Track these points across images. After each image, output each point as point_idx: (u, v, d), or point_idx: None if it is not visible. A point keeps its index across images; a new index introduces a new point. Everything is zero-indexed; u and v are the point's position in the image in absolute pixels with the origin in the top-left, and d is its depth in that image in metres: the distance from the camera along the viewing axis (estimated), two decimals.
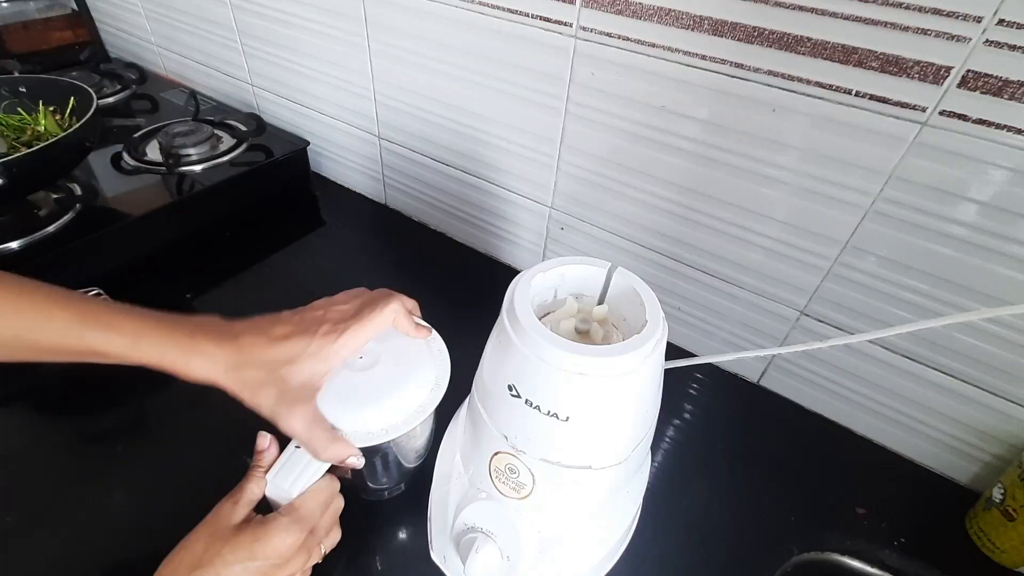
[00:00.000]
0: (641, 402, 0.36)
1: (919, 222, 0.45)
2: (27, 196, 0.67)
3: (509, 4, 0.56)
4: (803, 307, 0.55)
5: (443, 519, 0.43)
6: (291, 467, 0.37)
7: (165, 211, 0.71)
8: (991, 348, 0.47)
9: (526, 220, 0.71)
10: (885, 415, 0.56)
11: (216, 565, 0.33)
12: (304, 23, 0.76)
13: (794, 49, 0.44)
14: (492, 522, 0.39)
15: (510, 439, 0.37)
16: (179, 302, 0.68)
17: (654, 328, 0.34)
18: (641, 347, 0.33)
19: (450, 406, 0.51)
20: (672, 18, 0.48)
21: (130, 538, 0.46)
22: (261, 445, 0.39)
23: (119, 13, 1.08)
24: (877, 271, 0.49)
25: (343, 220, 0.86)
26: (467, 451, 0.43)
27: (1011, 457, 0.50)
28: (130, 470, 0.50)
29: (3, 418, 0.55)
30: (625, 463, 0.37)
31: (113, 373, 0.37)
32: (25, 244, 0.62)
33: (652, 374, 0.35)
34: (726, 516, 0.51)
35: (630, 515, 0.43)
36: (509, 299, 0.36)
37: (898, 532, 0.50)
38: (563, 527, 0.39)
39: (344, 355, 0.38)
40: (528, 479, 0.37)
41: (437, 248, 0.81)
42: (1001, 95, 0.38)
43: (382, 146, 0.81)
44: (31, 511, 0.47)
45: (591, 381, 0.32)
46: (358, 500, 0.48)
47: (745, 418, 0.60)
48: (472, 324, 0.44)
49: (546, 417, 0.34)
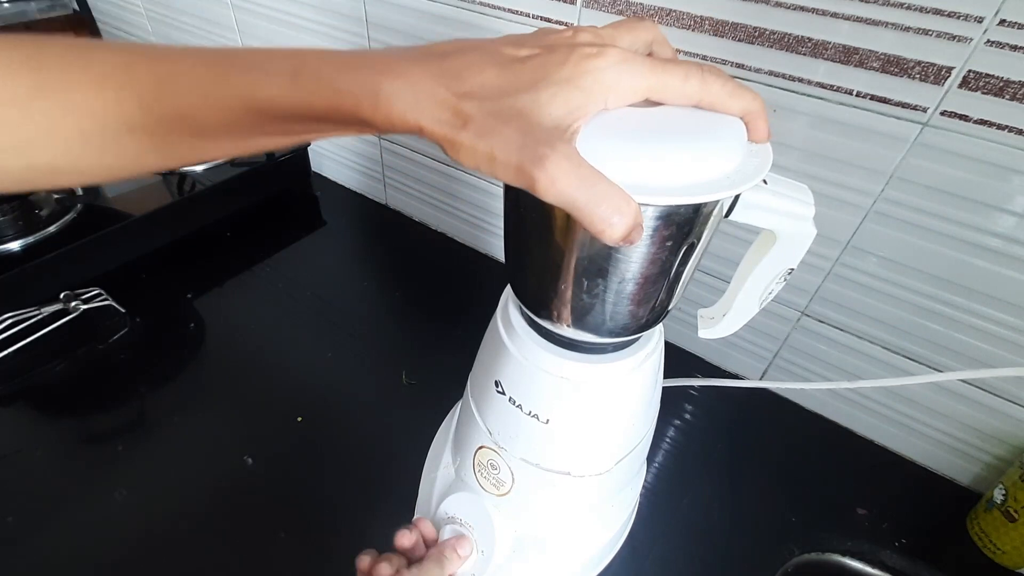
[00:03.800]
0: (627, 414, 0.36)
1: (920, 223, 0.45)
2: (28, 196, 0.67)
3: (509, 4, 0.56)
4: (804, 307, 0.55)
5: (427, 505, 0.44)
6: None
7: (166, 211, 0.71)
8: (991, 348, 0.47)
9: None
10: (886, 415, 0.56)
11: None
12: (304, 23, 0.76)
13: (795, 49, 0.44)
14: (470, 515, 0.40)
15: (494, 435, 0.37)
16: (179, 302, 0.68)
17: (645, 340, 0.34)
18: (630, 357, 0.33)
19: (448, 402, 0.51)
20: (673, 18, 0.48)
21: (130, 538, 0.46)
22: (401, 543, 0.37)
23: (120, 13, 1.08)
24: (878, 271, 0.49)
25: (343, 220, 0.86)
26: (457, 442, 0.44)
27: (1012, 458, 0.50)
28: (130, 470, 0.50)
29: (3, 418, 0.55)
30: (608, 475, 0.37)
31: (113, 373, 0.37)
32: (26, 244, 0.62)
33: (641, 386, 0.35)
34: (726, 516, 0.51)
35: (614, 529, 0.43)
36: (505, 297, 0.36)
37: (899, 533, 0.50)
38: (539, 530, 0.40)
39: (613, 88, 0.23)
40: (508, 476, 0.37)
41: (437, 248, 0.81)
42: (1002, 95, 0.38)
43: (382, 146, 0.81)
44: (31, 511, 0.47)
45: (573, 386, 0.33)
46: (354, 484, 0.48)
47: (745, 418, 0.60)
48: (472, 324, 0.44)
49: (527, 417, 0.34)
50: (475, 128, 0.22)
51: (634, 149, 0.22)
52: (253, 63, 0.24)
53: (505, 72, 0.22)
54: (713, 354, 0.66)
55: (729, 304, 0.35)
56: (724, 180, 0.23)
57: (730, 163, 0.24)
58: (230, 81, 0.24)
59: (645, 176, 0.22)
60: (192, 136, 0.25)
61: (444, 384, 0.53)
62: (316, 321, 0.66)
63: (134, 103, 0.23)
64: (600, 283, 0.27)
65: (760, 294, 0.34)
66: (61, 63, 0.23)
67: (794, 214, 0.29)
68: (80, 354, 0.60)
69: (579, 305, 0.29)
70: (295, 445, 0.53)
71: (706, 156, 0.23)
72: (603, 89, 0.22)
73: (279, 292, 0.70)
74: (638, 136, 0.23)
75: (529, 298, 0.33)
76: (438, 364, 0.61)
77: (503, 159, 0.22)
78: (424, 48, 0.24)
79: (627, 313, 0.30)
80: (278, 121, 0.24)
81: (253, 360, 0.61)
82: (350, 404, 0.57)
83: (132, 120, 0.24)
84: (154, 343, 0.62)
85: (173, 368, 0.60)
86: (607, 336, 0.32)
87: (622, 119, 0.23)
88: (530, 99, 0.22)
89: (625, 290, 0.28)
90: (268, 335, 0.64)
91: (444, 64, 0.23)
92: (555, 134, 0.22)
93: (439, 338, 0.65)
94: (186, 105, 0.24)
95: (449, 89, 0.22)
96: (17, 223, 0.64)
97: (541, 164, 0.21)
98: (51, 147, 0.24)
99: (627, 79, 0.23)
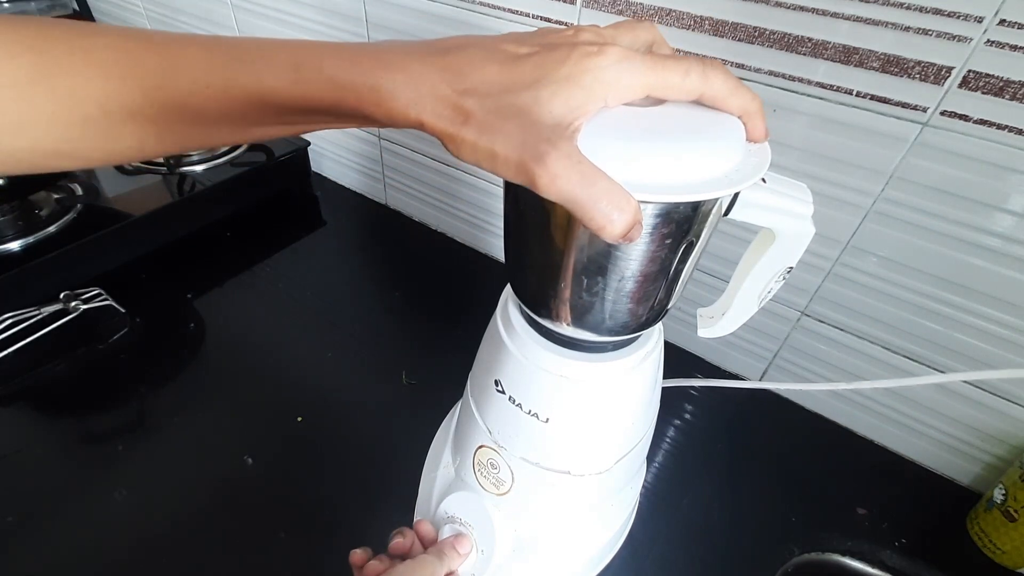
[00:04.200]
0: (627, 413, 0.36)
1: (920, 223, 0.45)
2: (28, 196, 0.67)
3: (509, 4, 0.56)
4: (804, 307, 0.55)
5: (427, 505, 0.44)
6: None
7: (166, 211, 0.71)
8: (992, 348, 0.47)
9: None
10: (886, 415, 0.56)
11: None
12: (304, 23, 0.76)
13: (795, 49, 0.44)
14: (470, 514, 0.40)
15: (493, 434, 0.37)
16: (179, 302, 0.68)
17: (645, 339, 0.34)
18: (629, 356, 0.33)
19: (448, 402, 0.51)
20: (673, 18, 0.48)
21: (130, 538, 0.46)
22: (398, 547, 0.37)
23: (120, 13, 1.08)
24: (878, 271, 0.49)
25: (343, 220, 0.86)
26: (457, 442, 0.43)
27: (1012, 458, 0.50)
28: (130, 470, 0.50)
29: (3, 418, 0.55)
30: (608, 474, 0.37)
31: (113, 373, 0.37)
32: (26, 244, 0.62)
33: (641, 385, 0.35)
34: (726, 516, 0.51)
35: (614, 528, 0.43)
36: (505, 296, 0.36)
37: (899, 533, 0.50)
38: (540, 530, 0.39)
39: (613, 86, 0.23)
40: (508, 476, 0.37)
41: (437, 248, 0.81)
42: (1002, 95, 0.38)
43: (382, 146, 0.81)
44: (31, 511, 0.47)
45: (573, 385, 0.33)
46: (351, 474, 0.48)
47: (745, 418, 0.60)
48: (472, 324, 0.44)
49: (527, 416, 0.34)
50: (476, 124, 0.22)
51: (634, 148, 0.22)
52: (256, 54, 0.24)
53: (506, 69, 0.22)
54: (713, 354, 0.66)
55: (728, 303, 0.35)
56: (723, 178, 0.23)
57: (729, 162, 0.24)
58: (233, 71, 0.24)
59: (645, 174, 0.22)
60: (193, 124, 0.25)
61: (444, 384, 0.53)
62: (316, 321, 0.66)
63: (136, 90, 0.23)
64: (599, 281, 0.27)
65: (759, 293, 0.34)
66: (63, 47, 0.23)
67: (793, 213, 0.29)
68: (80, 354, 0.60)
69: (579, 304, 0.29)
70: (295, 445, 0.53)
71: (705, 155, 0.23)
72: (603, 87, 0.22)
73: (279, 292, 0.70)
74: (638, 135, 0.23)
75: (529, 297, 0.33)
76: (438, 364, 0.61)
77: (504, 155, 0.22)
78: (426, 43, 0.24)
79: (627, 311, 0.30)
80: (279, 112, 0.24)
81: (253, 360, 0.61)
82: (350, 404, 0.57)
83: (134, 107, 0.24)
84: (154, 343, 0.62)
85: (173, 368, 0.60)
86: (607, 335, 0.32)
87: (622, 118, 0.23)
88: (531, 96, 0.22)
89: (624, 288, 0.28)
90: (268, 335, 0.64)
91: (446, 60, 0.23)
92: (556, 131, 0.22)
93: (439, 338, 0.65)
94: (188, 94, 0.24)
95: (451, 85, 0.22)
96: (17, 223, 0.64)
97: (542, 161, 0.21)
98: (53, 131, 0.24)
99: (627, 77, 0.22)
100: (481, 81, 0.22)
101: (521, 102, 0.22)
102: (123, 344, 0.62)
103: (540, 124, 0.22)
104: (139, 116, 0.24)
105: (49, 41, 0.23)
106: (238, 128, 0.26)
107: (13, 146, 0.24)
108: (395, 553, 0.38)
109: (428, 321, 0.67)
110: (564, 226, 0.26)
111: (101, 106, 0.23)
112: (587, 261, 0.27)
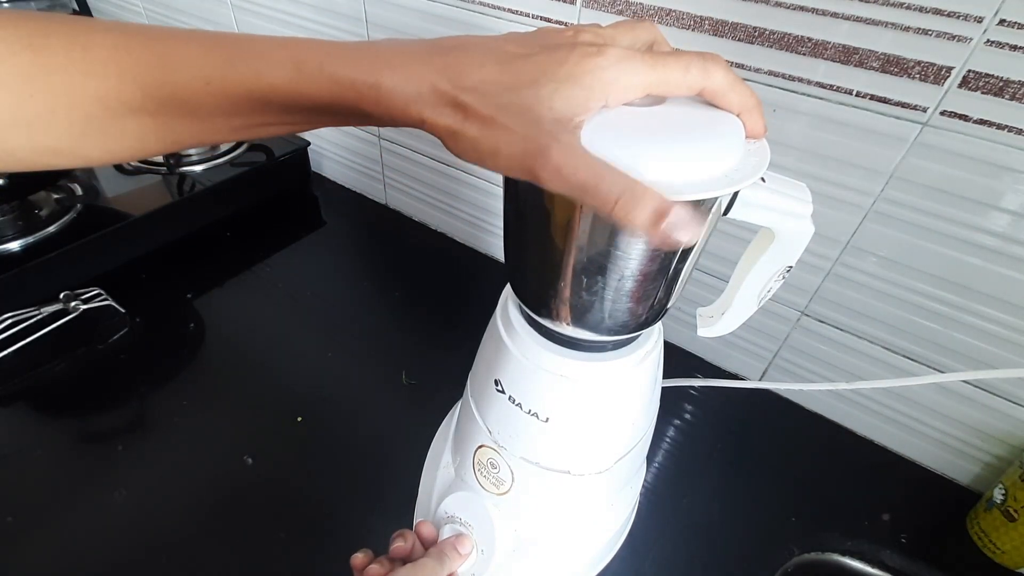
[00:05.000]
0: (626, 412, 0.36)
1: (920, 222, 0.45)
2: (28, 196, 0.67)
3: (509, 4, 0.56)
4: (804, 307, 0.55)
5: (427, 504, 0.44)
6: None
7: (166, 211, 0.71)
8: (992, 348, 0.47)
9: None
10: (885, 415, 0.56)
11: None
12: (304, 23, 0.76)
13: (795, 49, 0.44)
14: (470, 514, 0.40)
15: (493, 434, 0.37)
16: (179, 302, 0.68)
17: (645, 338, 0.34)
18: (629, 355, 0.33)
19: (448, 402, 0.51)
20: (673, 18, 0.48)
21: (130, 538, 0.46)
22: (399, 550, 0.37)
23: (120, 13, 1.08)
24: (878, 271, 0.49)
25: (343, 220, 0.86)
26: (456, 441, 0.44)
27: (1012, 458, 0.50)
28: (130, 470, 0.50)
29: (3, 418, 0.55)
30: (607, 474, 0.37)
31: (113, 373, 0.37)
32: (26, 244, 0.62)
33: (640, 384, 0.35)
34: (726, 516, 0.51)
35: (614, 528, 0.43)
36: (505, 296, 0.36)
37: (899, 532, 0.50)
38: (540, 530, 0.39)
39: (613, 85, 0.23)
40: (507, 475, 0.37)
41: (437, 248, 0.81)
42: (1002, 95, 0.38)
43: (382, 146, 0.81)
44: (31, 511, 0.47)
45: (572, 384, 0.33)
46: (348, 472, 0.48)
47: (745, 418, 0.60)
48: (472, 324, 0.44)
49: (527, 416, 0.34)
50: (478, 121, 0.22)
51: (633, 148, 0.22)
52: (256, 51, 0.24)
53: (507, 69, 0.22)
54: (713, 354, 0.66)
55: (728, 302, 0.35)
56: (723, 178, 0.23)
57: (729, 161, 0.24)
58: (233, 68, 0.24)
59: (644, 174, 0.22)
60: (193, 121, 0.25)
61: (444, 384, 0.53)
62: (316, 321, 0.66)
63: (136, 87, 0.23)
64: (599, 281, 0.28)
65: (759, 292, 0.34)
66: (62, 44, 0.23)
67: (792, 212, 0.29)
68: (80, 354, 0.60)
69: (578, 303, 0.29)
70: (295, 445, 0.53)
71: (705, 154, 0.23)
72: (604, 86, 0.22)
73: (279, 292, 0.70)
74: (637, 135, 0.23)
75: (529, 297, 0.33)
76: (438, 364, 0.61)
77: (506, 151, 0.22)
78: (426, 42, 0.24)
79: (626, 311, 0.30)
80: (279, 110, 0.24)
81: (253, 360, 0.61)
82: (350, 404, 0.57)
83: (133, 103, 0.24)
84: (154, 343, 0.62)
85: (173, 368, 0.60)
86: (606, 334, 0.32)
87: (621, 118, 0.23)
88: (532, 94, 0.22)
89: (624, 288, 0.28)
90: (268, 335, 0.64)
91: (447, 59, 0.23)
92: (558, 126, 0.22)
93: (439, 338, 0.65)
94: (188, 91, 0.24)
95: (451, 83, 0.22)
96: (17, 223, 0.64)
97: (545, 154, 0.21)
98: (53, 128, 0.24)
99: (627, 77, 0.23)
100: (482, 80, 0.22)
101: (522, 100, 0.22)
102: (123, 344, 0.62)
103: (542, 120, 0.22)
104: (138, 113, 0.24)
105: (48, 38, 0.23)
106: (238, 125, 0.25)
107: (12, 144, 0.24)
108: (396, 556, 0.37)
109: (428, 321, 0.67)
110: (564, 226, 0.26)
111: (101, 103, 0.23)
112: (587, 261, 0.27)
